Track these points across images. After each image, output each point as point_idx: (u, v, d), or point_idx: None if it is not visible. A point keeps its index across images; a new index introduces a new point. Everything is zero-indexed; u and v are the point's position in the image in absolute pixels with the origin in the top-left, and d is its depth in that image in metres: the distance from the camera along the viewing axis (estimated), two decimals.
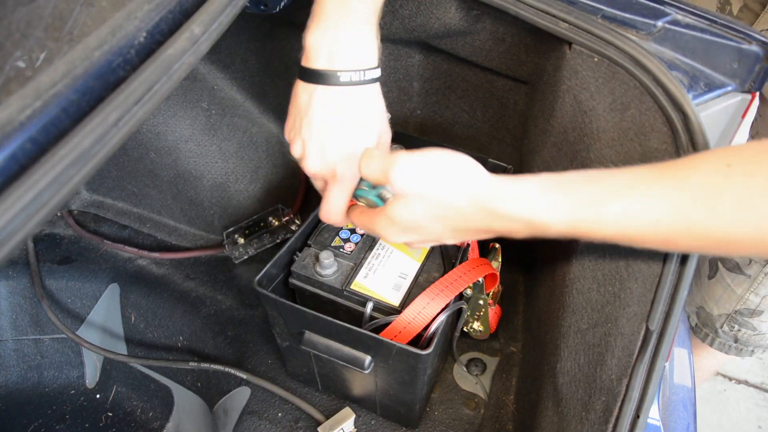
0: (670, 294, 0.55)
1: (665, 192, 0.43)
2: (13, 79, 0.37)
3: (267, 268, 0.75)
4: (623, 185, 0.45)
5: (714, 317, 1.09)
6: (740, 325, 1.07)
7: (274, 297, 0.72)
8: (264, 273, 0.74)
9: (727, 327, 1.09)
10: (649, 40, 0.63)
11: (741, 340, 1.10)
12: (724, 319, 1.08)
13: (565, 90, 0.69)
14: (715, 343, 1.13)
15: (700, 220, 0.42)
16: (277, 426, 0.86)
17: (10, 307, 1.09)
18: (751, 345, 1.10)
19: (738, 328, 1.08)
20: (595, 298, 0.66)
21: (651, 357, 0.56)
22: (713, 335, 1.12)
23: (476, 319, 0.86)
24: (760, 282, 0.99)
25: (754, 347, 1.11)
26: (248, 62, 0.97)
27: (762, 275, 0.98)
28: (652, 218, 0.44)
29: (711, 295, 1.09)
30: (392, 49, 0.87)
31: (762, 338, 1.08)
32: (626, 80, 0.60)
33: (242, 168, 1.06)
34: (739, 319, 1.06)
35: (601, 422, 0.60)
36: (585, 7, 0.65)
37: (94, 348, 1.00)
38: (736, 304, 1.04)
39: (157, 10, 0.46)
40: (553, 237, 0.50)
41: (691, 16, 0.65)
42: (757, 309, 1.03)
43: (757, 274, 0.98)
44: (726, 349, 1.13)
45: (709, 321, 1.11)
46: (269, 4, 0.72)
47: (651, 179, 0.45)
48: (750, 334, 1.08)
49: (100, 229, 1.15)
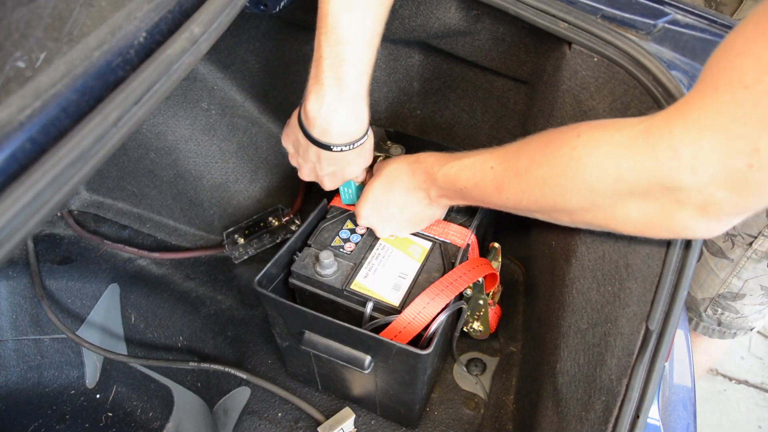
0: (670, 294, 0.55)
1: (497, 153, 0.61)
2: (13, 79, 0.37)
3: (267, 268, 0.75)
4: (475, 153, 0.64)
5: (698, 301, 1.12)
6: (723, 309, 1.09)
7: (274, 297, 0.72)
8: (264, 273, 0.74)
9: (711, 311, 1.11)
10: (648, 40, 0.63)
11: (724, 323, 1.12)
12: (707, 303, 1.10)
13: (565, 90, 0.69)
14: (699, 327, 1.15)
15: (516, 167, 0.58)
16: (277, 426, 0.86)
17: (10, 307, 1.09)
18: (734, 328, 1.13)
19: (721, 311, 1.10)
20: (594, 297, 0.66)
21: (651, 357, 0.56)
22: (697, 319, 1.14)
23: (476, 319, 0.86)
24: (742, 266, 1.01)
25: (736, 329, 1.13)
26: (248, 62, 0.97)
27: (744, 259, 1.00)
28: (488, 166, 0.61)
29: (695, 279, 1.11)
30: (392, 49, 0.87)
31: (744, 321, 1.11)
32: (626, 80, 0.60)
33: (242, 168, 1.06)
34: (722, 302, 1.08)
35: (600, 422, 0.60)
36: (584, 7, 0.65)
37: (94, 348, 1.00)
38: (719, 288, 1.06)
39: (157, 10, 0.46)
40: (440, 187, 0.69)
41: (690, 15, 0.65)
42: (739, 293, 1.05)
43: (740, 258, 1.00)
44: (709, 333, 1.15)
45: (693, 305, 1.13)
46: (269, 5, 0.72)
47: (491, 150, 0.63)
48: (732, 317, 1.10)
49: (100, 229, 1.15)
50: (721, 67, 0.42)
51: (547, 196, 0.55)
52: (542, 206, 0.57)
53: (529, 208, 0.59)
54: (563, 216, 0.57)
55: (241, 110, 1.04)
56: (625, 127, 0.48)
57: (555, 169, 0.53)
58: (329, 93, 0.64)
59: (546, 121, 0.75)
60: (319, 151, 0.69)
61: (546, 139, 0.56)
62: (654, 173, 0.45)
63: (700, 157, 0.42)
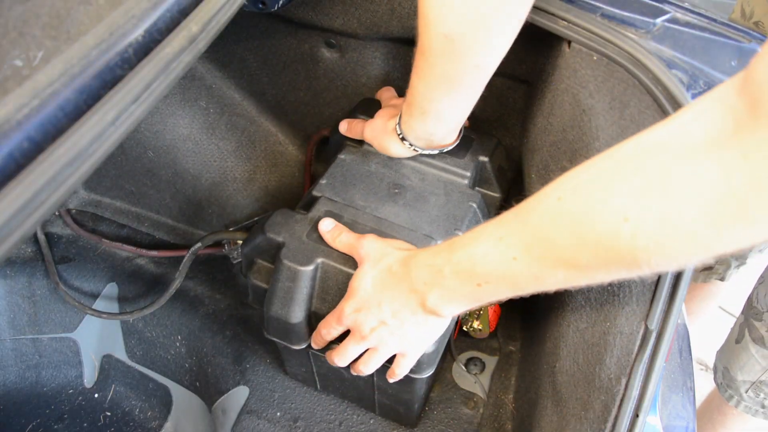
0: (669, 293, 0.55)
1: (515, 236, 0.50)
2: (10, 78, 0.37)
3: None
4: (487, 233, 0.53)
5: (738, 382, 1.09)
6: (766, 395, 1.07)
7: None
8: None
9: (753, 393, 1.08)
10: (648, 39, 0.63)
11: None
12: (748, 386, 1.08)
13: (564, 88, 0.69)
14: (741, 405, 1.12)
15: (546, 254, 0.48)
16: (276, 425, 0.86)
17: (8, 306, 1.09)
18: None
19: (764, 396, 1.07)
20: (593, 297, 0.66)
21: (650, 356, 0.56)
22: (738, 398, 1.11)
23: (476, 318, 0.86)
24: None
25: None
26: (246, 61, 0.97)
27: None
28: (510, 257, 0.50)
29: (736, 360, 1.08)
30: (392, 47, 0.87)
31: None
32: (625, 78, 0.60)
33: (240, 167, 1.06)
34: (765, 389, 1.06)
35: (600, 421, 0.60)
36: (584, 6, 0.65)
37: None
38: (761, 375, 1.04)
39: (155, 8, 0.46)
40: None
41: (690, 14, 0.65)
42: None
43: None
44: (753, 413, 1.12)
45: (733, 384, 1.11)
46: (267, 3, 0.72)
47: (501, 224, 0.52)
48: None
49: (98, 228, 1.15)
50: None
51: (609, 276, 0.46)
52: (594, 280, 0.49)
53: (576, 285, 0.51)
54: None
55: (240, 109, 1.04)
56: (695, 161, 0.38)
57: (603, 256, 0.44)
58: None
59: (545, 119, 0.75)
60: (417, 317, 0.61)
61: (573, 215, 0.45)
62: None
63: None
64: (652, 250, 0.40)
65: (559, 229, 0.46)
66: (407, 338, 0.64)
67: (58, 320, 1.09)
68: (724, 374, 1.13)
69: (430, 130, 0.73)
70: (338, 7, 0.80)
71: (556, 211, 0.46)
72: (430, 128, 0.72)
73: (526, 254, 0.49)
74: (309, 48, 0.90)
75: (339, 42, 0.87)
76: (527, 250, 0.49)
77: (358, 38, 0.85)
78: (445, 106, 0.68)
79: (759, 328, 1.01)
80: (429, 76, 0.64)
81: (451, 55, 0.60)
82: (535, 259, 0.49)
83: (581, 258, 0.45)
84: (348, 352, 0.67)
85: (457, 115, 0.70)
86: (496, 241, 0.51)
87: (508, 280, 0.52)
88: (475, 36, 0.58)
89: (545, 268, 0.48)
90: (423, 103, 0.67)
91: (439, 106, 0.67)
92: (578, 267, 0.46)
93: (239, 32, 0.93)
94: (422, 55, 0.62)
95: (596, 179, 0.44)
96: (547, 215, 0.47)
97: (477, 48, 0.59)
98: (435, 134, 0.74)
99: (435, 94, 0.66)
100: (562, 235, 0.46)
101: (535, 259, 0.49)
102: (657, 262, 0.41)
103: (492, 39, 0.59)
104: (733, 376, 1.09)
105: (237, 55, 0.97)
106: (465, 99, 0.67)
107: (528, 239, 0.49)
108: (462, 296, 0.57)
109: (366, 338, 0.65)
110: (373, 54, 0.87)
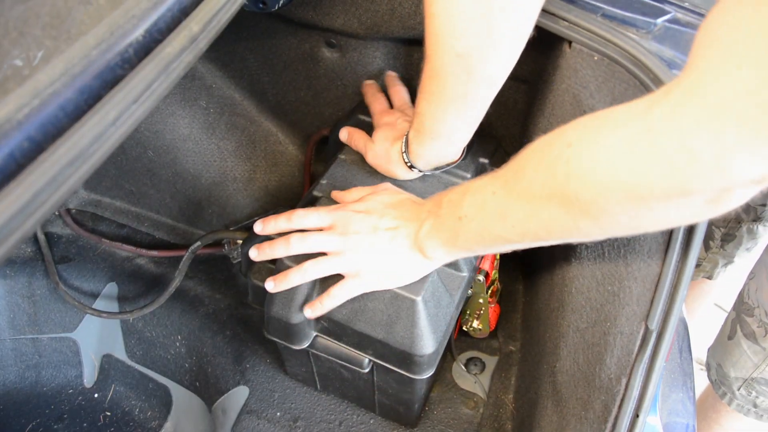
0: (669, 293, 0.55)
1: (500, 175, 0.55)
2: (11, 78, 0.36)
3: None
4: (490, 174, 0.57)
5: (731, 379, 1.08)
6: (758, 393, 1.06)
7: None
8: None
9: (745, 391, 1.08)
10: (649, 39, 0.63)
11: (760, 406, 1.08)
12: (740, 383, 1.07)
13: (565, 89, 0.69)
14: (733, 403, 1.11)
15: (516, 186, 0.52)
16: (276, 425, 0.86)
17: (8, 306, 1.09)
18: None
19: (756, 395, 1.06)
20: (594, 297, 0.66)
21: (650, 356, 0.56)
22: (731, 395, 1.11)
23: (476, 317, 0.86)
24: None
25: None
26: (247, 61, 0.97)
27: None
28: (490, 191, 0.55)
29: (729, 356, 1.08)
30: (392, 47, 0.87)
31: None
32: (626, 78, 0.60)
33: (240, 167, 1.06)
34: (757, 387, 1.05)
35: (600, 421, 0.60)
36: (585, 6, 0.65)
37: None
38: (753, 372, 1.03)
39: (156, 8, 0.46)
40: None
41: (690, 14, 0.65)
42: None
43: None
44: (745, 412, 1.11)
45: (726, 381, 1.10)
46: (268, 3, 0.72)
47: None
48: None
49: (98, 228, 1.15)
50: (739, 38, 0.33)
51: (554, 218, 0.49)
52: (552, 230, 0.50)
53: (537, 235, 0.52)
54: (577, 237, 0.51)
55: (240, 109, 1.04)
56: (621, 124, 0.42)
57: (556, 190, 0.47)
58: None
59: (546, 120, 0.75)
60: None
61: (539, 154, 0.49)
62: (669, 183, 0.39)
63: (726, 157, 0.35)
64: (582, 179, 0.44)
65: (529, 162, 0.50)
66: (377, 261, 0.64)
67: (57, 320, 1.09)
68: (717, 371, 1.12)
69: (440, 154, 0.73)
70: (339, 7, 0.80)
71: (531, 148, 0.51)
72: (440, 152, 0.72)
73: (503, 188, 0.53)
74: (309, 48, 0.90)
75: (339, 42, 0.87)
76: (505, 185, 0.53)
77: (358, 38, 0.85)
78: (457, 127, 0.67)
79: (750, 323, 1.00)
80: (441, 98, 0.63)
81: (464, 73, 0.60)
82: (507, 192, 0.52)
83: (535, 188, 0.49)
84: (308, 241, 0.66)
85: (467, 134, 0.70)
86: (490, 178, 0.55)
87: (483, 215, 0.55)
88: (487, 49, 0.58)
89: (511, 201, 0.52)
90: (435, 126, 0.67)
91: (452, 127, 0.67)
92: (533, 198, 0.49)
93: (240, 32, 0.93)
94: (434, 77, 0.62)
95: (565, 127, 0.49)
96: (524, 153, 0.51)
97: (489, 61, 0.59)
98: (445, 157, 0.74)
99: (447, 115, 0.65)
100: (528, 165, 0.50)
101: (508, 192, 0.52)
102: (585, 197, 0.45)
103: (503, 50, 0.59)
104: (726, 373, 1.09)
105: (237, 55, 0.97)
106: (475, 115, 0.67)
107: (509, 175, 0.53)
108: (446, 230, 0.60)
109: (344, 234, 0.64)
110: (374, 54, 0.87)
